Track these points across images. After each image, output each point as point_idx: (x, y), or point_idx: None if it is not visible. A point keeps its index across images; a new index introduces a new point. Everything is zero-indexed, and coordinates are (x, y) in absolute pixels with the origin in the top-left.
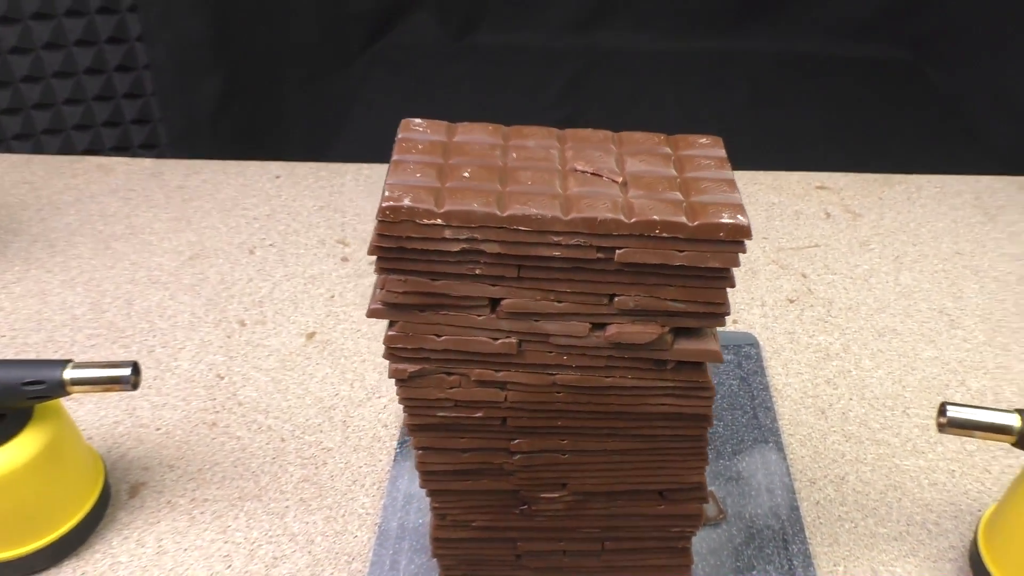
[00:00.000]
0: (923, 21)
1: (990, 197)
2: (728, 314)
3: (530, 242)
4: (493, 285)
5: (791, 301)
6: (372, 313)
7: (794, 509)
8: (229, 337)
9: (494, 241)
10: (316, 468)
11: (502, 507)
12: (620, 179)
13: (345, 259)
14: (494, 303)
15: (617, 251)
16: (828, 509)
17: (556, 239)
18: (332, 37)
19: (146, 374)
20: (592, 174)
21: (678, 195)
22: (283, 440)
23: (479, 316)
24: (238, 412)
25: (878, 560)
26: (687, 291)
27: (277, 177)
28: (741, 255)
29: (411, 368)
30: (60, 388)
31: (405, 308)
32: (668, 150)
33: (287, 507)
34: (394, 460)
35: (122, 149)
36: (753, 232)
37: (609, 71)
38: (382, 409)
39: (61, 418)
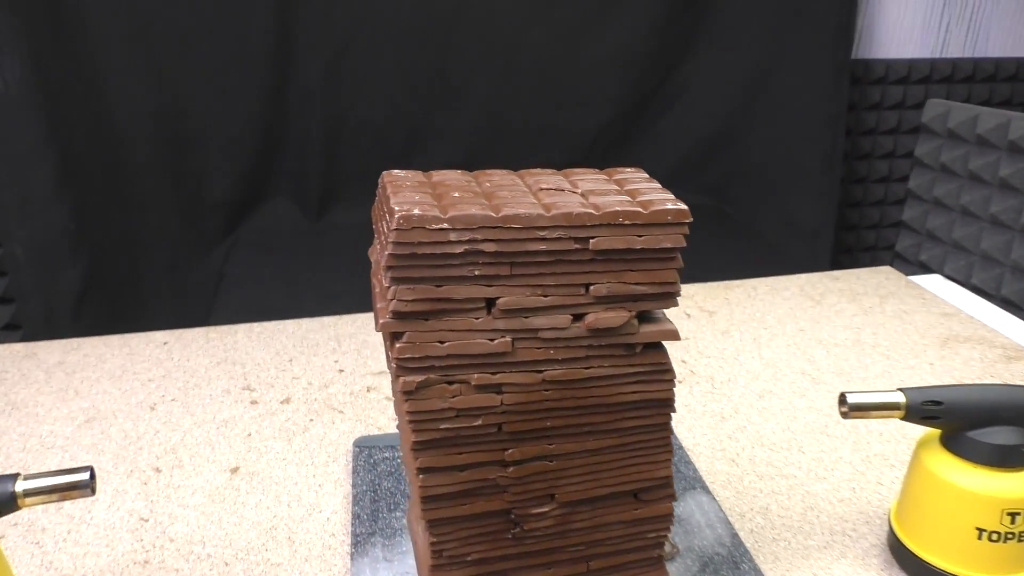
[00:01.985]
0: (719, 169)
1: (812, 288)
2: (679, 294)
3: (521, 238)
4: (489, 286)
5: (680, 382)
6: (384, 326)
7: (734, 537)
8: (146, 484)
9: (491, 240)
10: None
11: (496, 533)
12: (579, 191)
13: (254, 402)
14: (489, 306)
15: (591, 240)
16: (762, 534)
17: (541, 234)
18: (193, 225)
19: (59, 528)
20: (555, 190)
21: (627, 198)
22: (227, 564)
23: (477, 319)
24: (171, 548)
25: (816, 567)
26: (647, 274)
27: (165, 343)
28: None
29: (418, 379)
30: (11, 502)
31: (412, 318)
32: (605, 176)
33: None
34: (351, 560)
35: None
36: None
37: None
38: (325, 522)
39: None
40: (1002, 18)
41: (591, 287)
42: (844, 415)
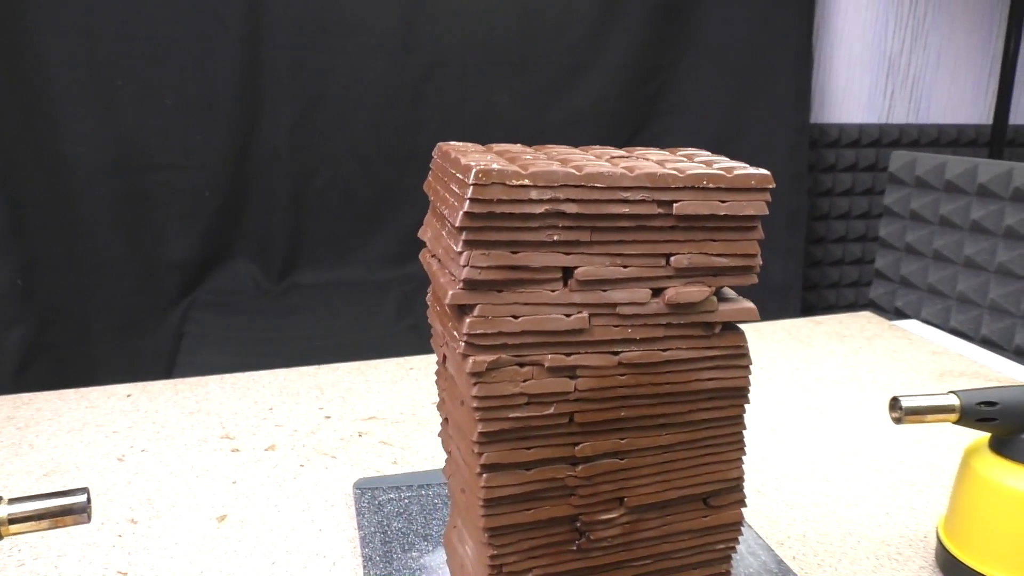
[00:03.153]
0: None
1: (798, 332)
2: (760, 265)
3: (603, 199)
4: (568, 254)
5: None
6: (454, 298)
7: (780, 562)
8: (120, 536)
9: (573, 200)
10: None
11: (560, 545)
12: (653, 158)
13: (236, 450)
14: (566, 278)
15: (674, 204)
16: (805, 560)
17: (624, 195)
18: (148, 284)
19: None
20: (628, 156)
21: (704, 165)
22: None
23: (553, 291)
24: None
25: None
26: (728, 244)
27: (128, 396)
28: None
29: (489, 358)
30: None
31: (485, 288)
32: (670, 151)
33: None
34: None
35: None
36: None
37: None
38: (332, 567)
39: None
40: (940, 87)
41: (672, 258)
42: (897, 420)
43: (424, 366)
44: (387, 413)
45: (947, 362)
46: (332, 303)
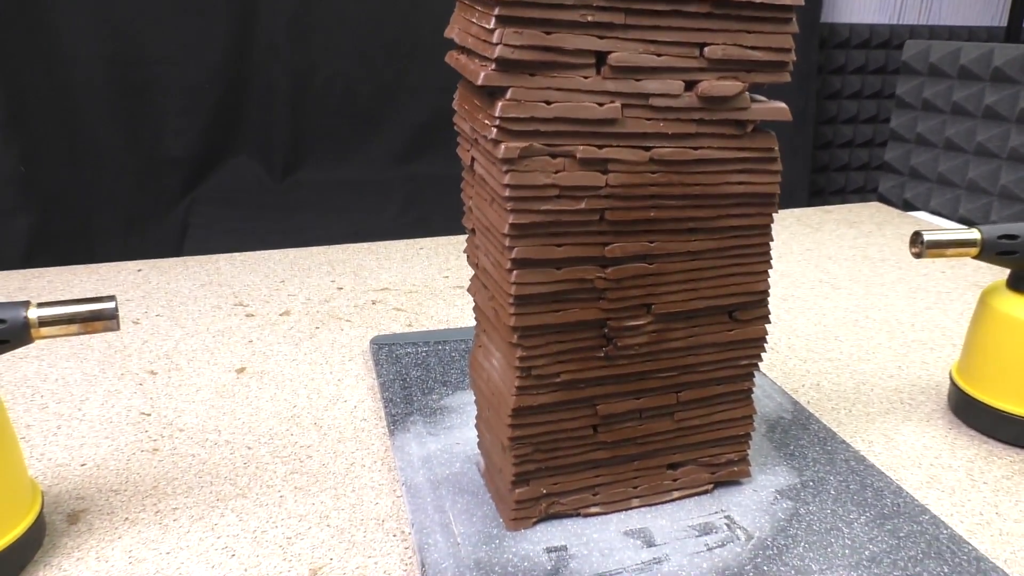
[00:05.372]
0: None
1: (808, 219)
2: (792, 65)
3: None
4: (601, 37)
5: None
6: (486, 79)
7: (796, 404)
8: (141, 385)
9: None
10: (301, 462)
11: (587, 351)
12: None
13: (251, 315)
14: (599, 65)
15: None
16: (820, 404)
17: None
18: (149, 182)
19: (47, 424)
20: None
21: None
22: (250, 448)
23: (586, 77)
24: (181, 437)
25: (883, 429)
26: (762, 37)
27: (139, 271)
28: None
29: (521, 144)
30: (24, 331)
31: (518, 69)
32: None
33: (282, 496)
34: (391, 436)
35: None
36: None
37: (440, 191)
38: (353, 409)
39: None
40: None
41: (706, 48)
42: (917, 255)
43: (434, 247)
44: (399, 285)
45: None
46: (336, 202)
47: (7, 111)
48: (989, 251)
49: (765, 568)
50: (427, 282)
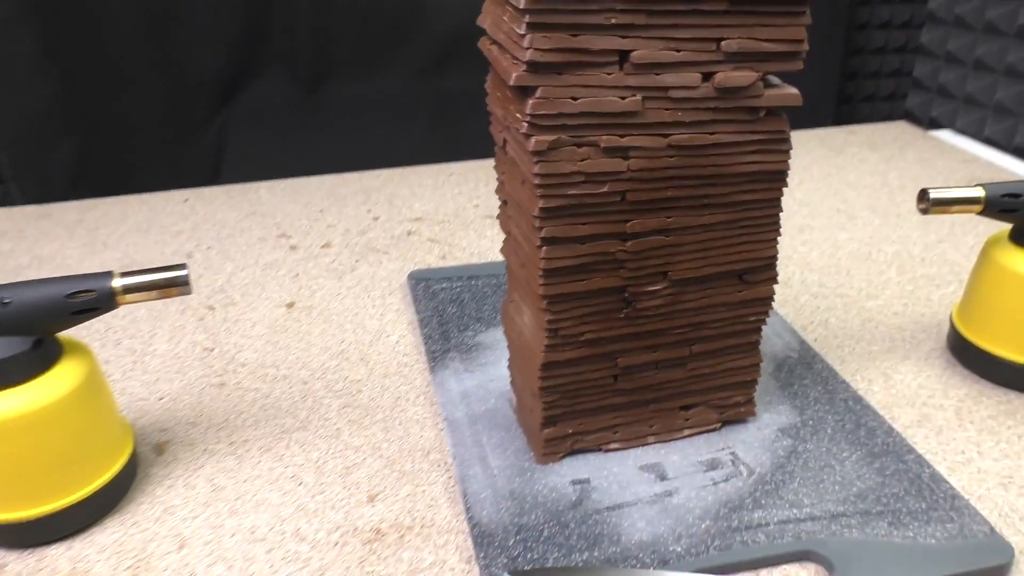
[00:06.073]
0: None
1: (831, 140)
2: (805, 53)
3: None
4: (624, 37)
5: None
6: (518, 79)
7: (803, 343)
8: (202, 320)
9: None
10: (353, 396)
11: (609, 312)
12: None
13: (294, 247)
14: (622, 61)
15: None
16: (826, 342)
17: None
18: (181, 103)
19: (123, 360)
20: None
21: None
22: (305, 383)
23: (609, 73)
24: (244, 372)
25: (883, 367)
26: (776, 30)
27: (185, 200)
28: None
29: (550, 138)
30: (110, 298)
31: (547, 70)
32: None
33: (338, 429)
34: (432, 373)
35: None
36: None
37: (467, 107)
38: (395, 343)
39: (90, 354)
40: None
41: (722, 42)
42: (923, 211)
43: (463, 172)
44: (432, 215)
45: (976, 170)
46: (365, 118)
47: (42, 42)
48: (992, 208)
49: (763, 501)
50: (458, 211)
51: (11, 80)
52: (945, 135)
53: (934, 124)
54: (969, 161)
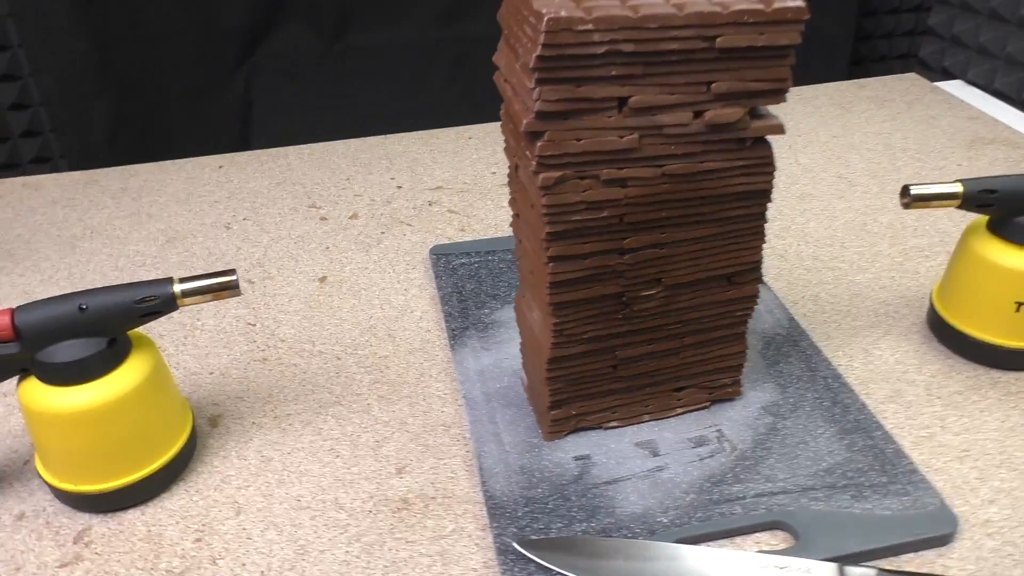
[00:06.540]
0: None
1: (840, 96)
2: (789, 90)
3: (655, 38)
4: (623, 85)
5: None
6: (528, 126)
7: (791, 320)
8: (242, 295)
9: (630, 40)
10: (381, 372)
11: (609, 314)
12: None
13: (324, 218)
14: (621, 105)
15: (717, 39)
16: (814, 318)
17: (674, 33)
18: (207, 54)
19: (176, 334)
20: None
21: (743, 2)
22: (338, 359)
23: (610, 117)
24: (283, 348)
25: (864, 343)
26: (764, 71)
27: (220, 167)
28: None
29: (556, 175)
30: (172, 302)
31: (553, 118)
32: None
33: (369, 404)
34: (451, 350)
35: (12, 166)
36: None
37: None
38: (419, 319)
39: (155, 347)
40: None
41: (712, 85)
42: (906, 205)
43: (481, 135)
44: (452, 183)
45: (980, 128)
46: (386, 67)
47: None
48: (969, 203)
49: (742, 476)
50: (476, 179)
51: (47, 40)
52: (955, 87)
53: (947, 74)
54: (974, 119)
